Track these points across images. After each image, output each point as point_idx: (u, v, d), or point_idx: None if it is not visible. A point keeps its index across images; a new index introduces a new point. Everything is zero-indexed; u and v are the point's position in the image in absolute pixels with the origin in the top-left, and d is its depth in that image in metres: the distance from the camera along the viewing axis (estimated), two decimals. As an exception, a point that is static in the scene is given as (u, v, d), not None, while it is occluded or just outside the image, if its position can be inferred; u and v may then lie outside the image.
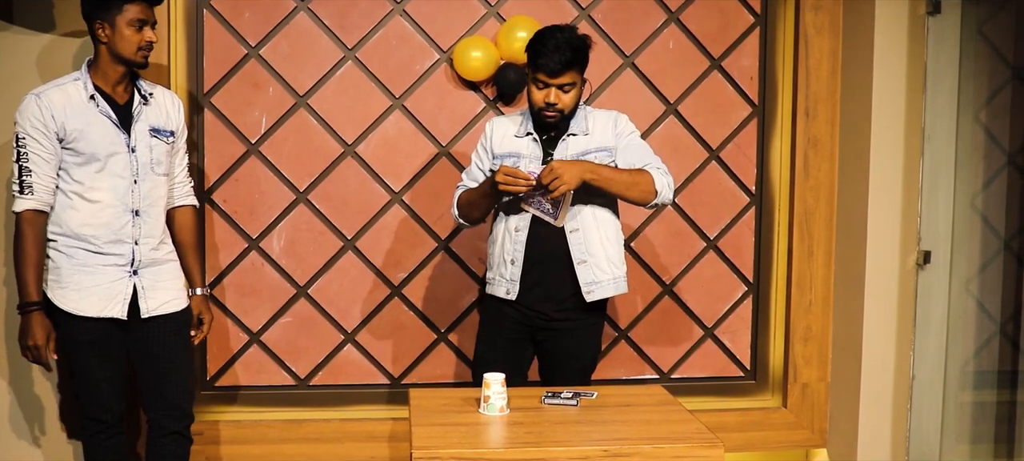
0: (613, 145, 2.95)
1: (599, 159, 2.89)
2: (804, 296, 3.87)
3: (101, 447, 2.89)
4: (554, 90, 2.83)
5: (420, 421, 2.49)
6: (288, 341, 3.70)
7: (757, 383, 3.98)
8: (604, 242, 2.94)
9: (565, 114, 2.88)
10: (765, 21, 3.84)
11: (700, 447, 2.33)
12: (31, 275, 2.72)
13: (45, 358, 2.74)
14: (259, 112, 3.61)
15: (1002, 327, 3.75)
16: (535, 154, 2.93)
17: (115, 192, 2.78)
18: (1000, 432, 3.73)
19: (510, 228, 2.95)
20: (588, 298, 2.92)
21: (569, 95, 2.86)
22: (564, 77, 2.82)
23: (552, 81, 2.82)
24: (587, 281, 2.91)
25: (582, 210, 2.91)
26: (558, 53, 2.78)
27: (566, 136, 2.94)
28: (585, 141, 2.94)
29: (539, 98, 2.86)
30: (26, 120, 2.70)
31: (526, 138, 2.97)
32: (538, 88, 2.86)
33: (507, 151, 2.97)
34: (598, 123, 2.98)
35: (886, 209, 3.59)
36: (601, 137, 2.95)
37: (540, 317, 2.96)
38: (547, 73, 2.81)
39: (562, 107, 2.86)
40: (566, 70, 2.81)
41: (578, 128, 2.95)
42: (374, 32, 3.63)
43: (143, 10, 2.74)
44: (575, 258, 2.90)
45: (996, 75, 3.70)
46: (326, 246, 3.68)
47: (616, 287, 2.97)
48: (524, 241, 2.92)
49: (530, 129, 2.97)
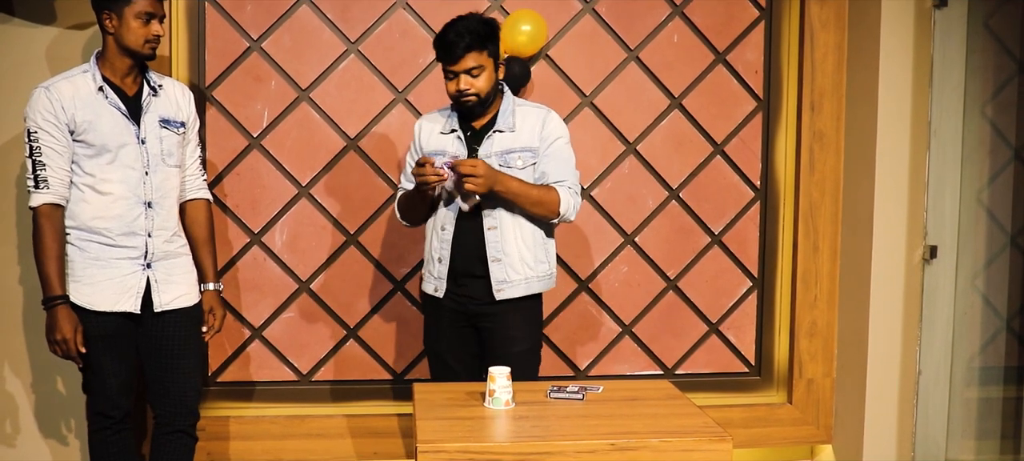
0: (537, 146, 2.94)
1: (522, 159, 2.91)
2: (809, 291, 3.85)
3: (106, 443, 2.86)
4: (462, 76, 2.84)
5: (425, 415, 2.47)
6: (290, 336, 3.68)
7: (762, 379, 3.96)
8: (519, 242, 2.93)
9: (482, 97, 2.87)
10: (770, 14, 3.82)
11: (708, 441, 2.31)
12: (53, 269, 2.68)
13: (74, 351, 2.69)
14: (261, 106, 3.59)
15: (1008, 322, 3.73)
16: (460, 151, 2.94)
17: (127, 184, 2.76)
18: (1006, 428, 3.71)
19: (437, 226, 2.97)
20: (497, 296, 2.91)
21: (480, 78, 2.85)
22: (466, 61, 2.82)
23: (456, 68, 2.84)
24: (499, 279, 2.91)
25: (500, 210, 2.92)
26: (456, 40, 2.81)
27: (492, 132, 2.94)
28: (510, 138, 2.94)
29: (451, 88, 2.88)
30: (37, 114, 2.66)
31: (451, 135, 2.97)
32: (449, 79, 2.88)
33: (434, 149, 2.97)
34: (526, 120, 2.97)
35: (892, 204, 3.57)
36: (527, 136, 2.94)
37: (472, 303, 2.97)
38: (449, 61, 2.84)
39: (476, 91, 2.85)
40: (466, 53, 2.81)
41: (504, 124, 2.94)
42: (377, 25, 3.61)
43: (151, 3, 2.72)
44: (489, 256, 2.91)
45: (1003, 69, 3.68)
46: (328, 240, 3.67)
47: (528, 287, 2.95)
48: (450, 240, 2.94)
49: (455, 126, 2.97)
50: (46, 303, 2.69)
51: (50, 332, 2.69)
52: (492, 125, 2.95)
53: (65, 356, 2.71)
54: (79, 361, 2.74)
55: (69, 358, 2.71)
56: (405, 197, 3.03)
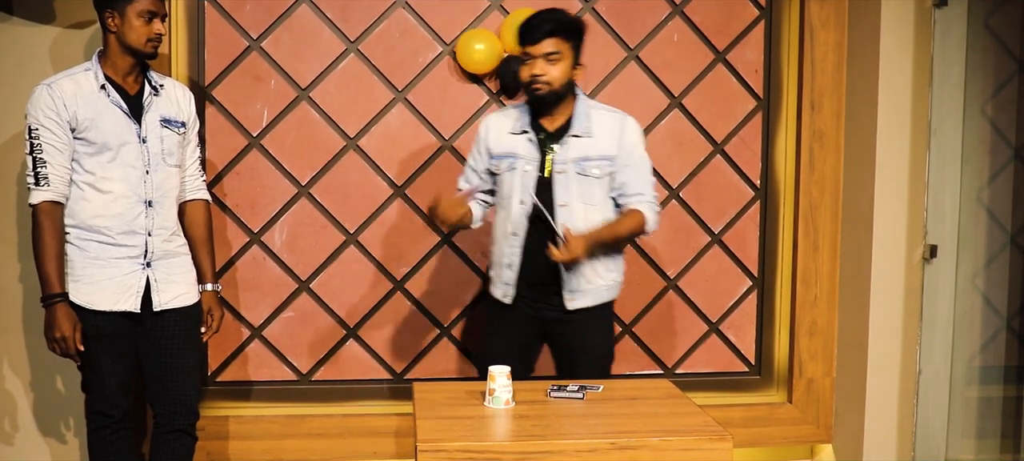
0: (615, 155, 2.89)
1: (599, 168, 2.86)
2: (809, 291, 3.85)
3: (105, 442, 2.86)
4: (539, 61, 2.79)
5: (425, 414, 2.46)
6: (290, 336, 3.68)
7: (762, 378, 3.96)
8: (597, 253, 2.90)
9: (553, 89, 2.82)
10: (770, 14, 3.82)
11: (708, 440, 2.31)
12: (52, 267, 2.67)
13: (73, 349, 2.69)
14: (261, 105, 3.58)
15: (1008, 322, 3.73)
16: (532, 155, 2.88)
17: (128, 182, 2.75)
18: (1007, 427, 3.71)
19: (507, 231, 2.92)
20: (569, 306, 2.91)
21: (556, 67, 2.80)
22: (546, 45, 2.78)
23: (535, 50, 2.79)
24: (570, 289, 2.90)
25: (584, 216, 2.87)
26: (540, 23, 2.79)
27: (568, 137, 2.87)
28: (587, 145, 2.87)
29: (525, 73, 2.84)
30: (39, 110, 2.66)
31: (522, 136, 2.91)
32: (526, 63, 2.83)
33: (504, 151, 2.92)
34: (603, 125, 2.90)
35: (892, 203, 3.56)
36: (605, 144, 2.88)
37: (547, 310, 2.95)
38: (530, 42, 2.79)
39: (549, 79, 2.80)
40: (547, 37, 2.78)
41: (580, 128, 2.87)
42: (376, 24, 3.60)
43: (153, 2, 2.72)
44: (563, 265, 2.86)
45: (1002, 68, 3.68)
46: (328, 240, 3.66)
47: (597, 296, 2.94)
48: (520, 246, 2.90)
49: (526, 126, 2.90)
50: (45, 301, 2.68)
51: (49, 330, 2.68)
52: (567, 129, 2.88)
53: (63, 354, 2.70)
54: (78, 359, 2.73)
55: (68, 356, 2.71)
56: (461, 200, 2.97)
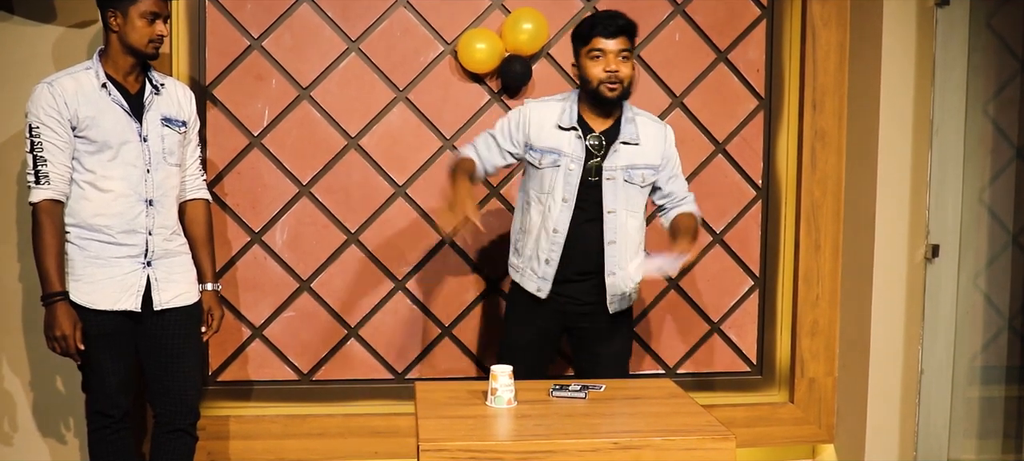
0: (659, 164, 2.89)
1: (643, 177, 2.87)
2: (811, 290, 3.84)
3: (106, 442, 2.85)
4: (612, 56, 2.72)
5: (427, 414, 2.46)
6: (291, 336, 3.67)
7: (764, 378, 3.95)
8: (629, 255, 2.92)
9: (625, 86, 2.78)
10: (772, 13, 3.81)
11: (711, 440, 2.30)
12: (52, 265, 2.66)
13: (73, 348, 2.68)
14: (262, 104, 3.58)
15: (1010, 321, 3.73)
16: (578, 154, 2.80)
17: (128, 181, 2.74)
18: (1008, 427, 3.71)
19: (548, 227, 2.86)
20: (611, 309, 2.95)
21: (627, 65, 2.76)
22: (620, 41, 2.74)
23: (609, 45, 2.71)
24: (613, 294, 2.92)
25: (625, 223, 2.88)
26: (612, 18, 2.73)
27: (618, 143, 2.82)
28: (635, 153, 2.85)
29: (597, 70, 2.74)
30: (39, 109, 2.65)
31: (570, 133, 2.82)
32: (594, 59, 2.74)
33: (548, 145, 2.83)
34: (648, 134, 2.88)
35: (894, 202, 3.56)
36: (651, 153, 2.87)
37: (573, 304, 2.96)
38: (605, 35, 2.71)
39: (622, 78, 2.75)
40: (622, 33, 2.74)
41: (628, 135, 2.83)
42: (378, 24, 3.60)
43: (157, 3, 2.71)
44: (607, 269, 2.88)
45: (1005, 68, 3.68)
46: (329, 240, 3.65)
47: (631, 300, 3.03)
48: (562, 243, 2.87)
49: (575, 123, 2.82)
50: (45, 300, 2.67)
51: (49, 329, 2.67)
52: (615, 134, 2.83)
53: (63, 353, 2.69)
54: (78, 358, 2.73)
55: (68, 355, 2.70)
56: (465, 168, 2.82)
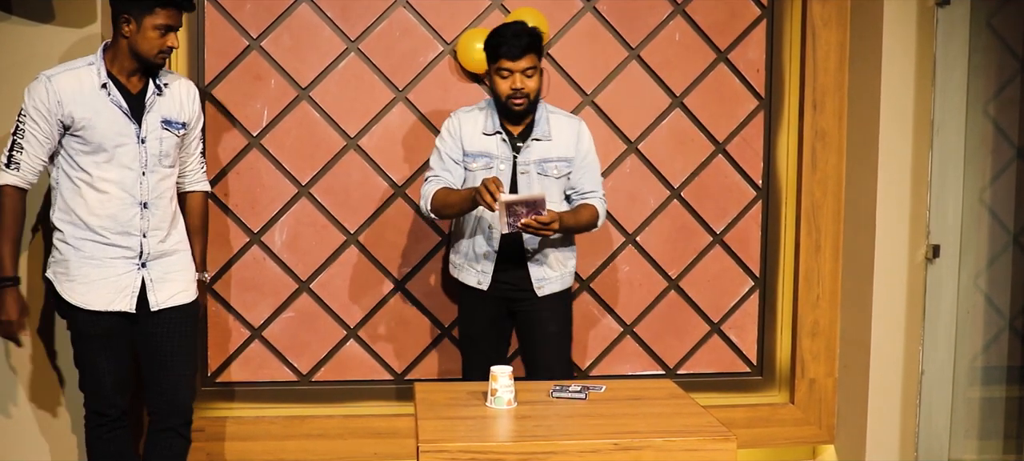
0: (572, 157, 3.10)
1: (557, 169, 3.08)
2: (812, 291, 3.83)
3: (102, 441, 2.86)
4: (518, 75, 2.96)
5: (426, 415, 2.45)
6: (290, 336, 3.66)
7: (764, 379, 3.95)
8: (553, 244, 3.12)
9: (531, 99, 3.00)
10: (772, 13, 3.81)
11: (712, 440, 2.30)
12: (7, 249, 2.73)
13: (16, 334, 2.77)
14: (261, 105, 3.57)
15: (1011, 322, 3.72)
16: (505, 155, 3.06)
17: (123, 183, 2.75)
18: (1009, 427, 3.70)
19: (483, 227, 3.10)
20: (539, 293, 3.13)
21: (532, 80, 2.99)
22: (524, 61, 2.95)
23: (515, 66, 2.94)
24: (538, 278, 3.12)
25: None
26: (517, 39, 2.94)
27: (530, 140, 3.06)
28: (547, 147, 3.08)
29: (505, 87, 2.98)
30: (32, 100, 2.69)
31: (495, 137, 3.07)
32: (502, 78, 2.98)
33: (478, 150, 3.07)
34: (561, 130, 3.10)
35: (894, 202, 3.55)
36: (563, 147, 3.09)
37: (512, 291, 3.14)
38: (510, 58, 2.94)
39: (528, 92, 2.98)
40: (526, 53, 2.94)
41: (541, 132, 3.07)
42: (377, 24, 3.59)
43: (172, 16, 2.71)
44: (529, 257, 3.11)
45: (1005, 68, 3.67)
46: (328, 240, 3.65)
47: (561, 282, 3.17)
48: (498, 238, 3.07)
49: (498, 127, 3.07)
50: None
51: None
52: (529, 132, 3.08)
53: (6, 336, 2.78)
54: (20, 343, 2.84)
55: (11, 338, 2.79)
56: (447, 198, 3.03)
